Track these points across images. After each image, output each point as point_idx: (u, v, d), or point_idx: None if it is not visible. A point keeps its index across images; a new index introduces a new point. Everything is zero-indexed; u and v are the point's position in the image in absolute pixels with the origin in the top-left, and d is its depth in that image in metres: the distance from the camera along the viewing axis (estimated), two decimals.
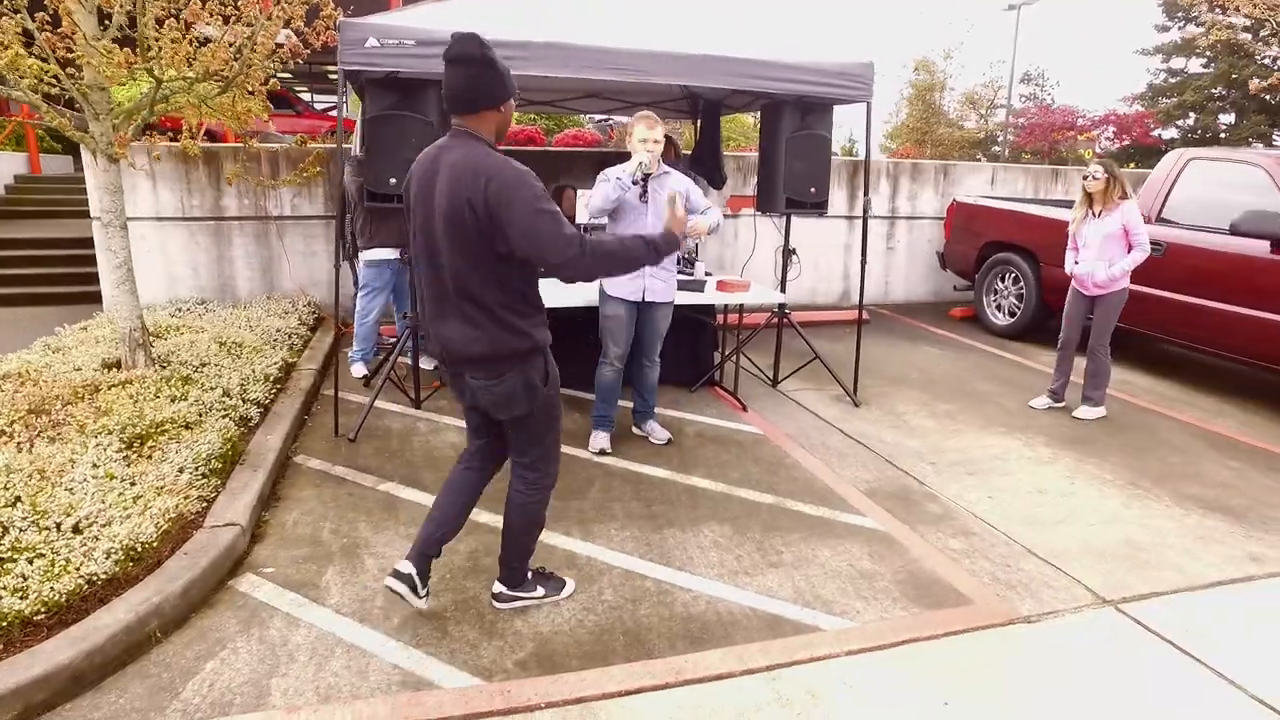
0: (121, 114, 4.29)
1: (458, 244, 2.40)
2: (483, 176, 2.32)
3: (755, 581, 3.20)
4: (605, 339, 4.37)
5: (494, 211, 2.32)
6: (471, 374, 2.55)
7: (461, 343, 2.49)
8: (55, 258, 8.43)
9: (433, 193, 2.41)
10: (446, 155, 2.42)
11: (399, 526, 3.55)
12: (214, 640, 2.72)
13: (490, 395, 2.57)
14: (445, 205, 2.37)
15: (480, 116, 2.45)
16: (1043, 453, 4.69)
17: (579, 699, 2.51)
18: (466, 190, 2.33)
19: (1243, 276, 5.44)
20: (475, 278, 2.42)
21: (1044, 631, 2.95)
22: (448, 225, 2.39)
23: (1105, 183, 4.90)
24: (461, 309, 2.47)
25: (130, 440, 3.59)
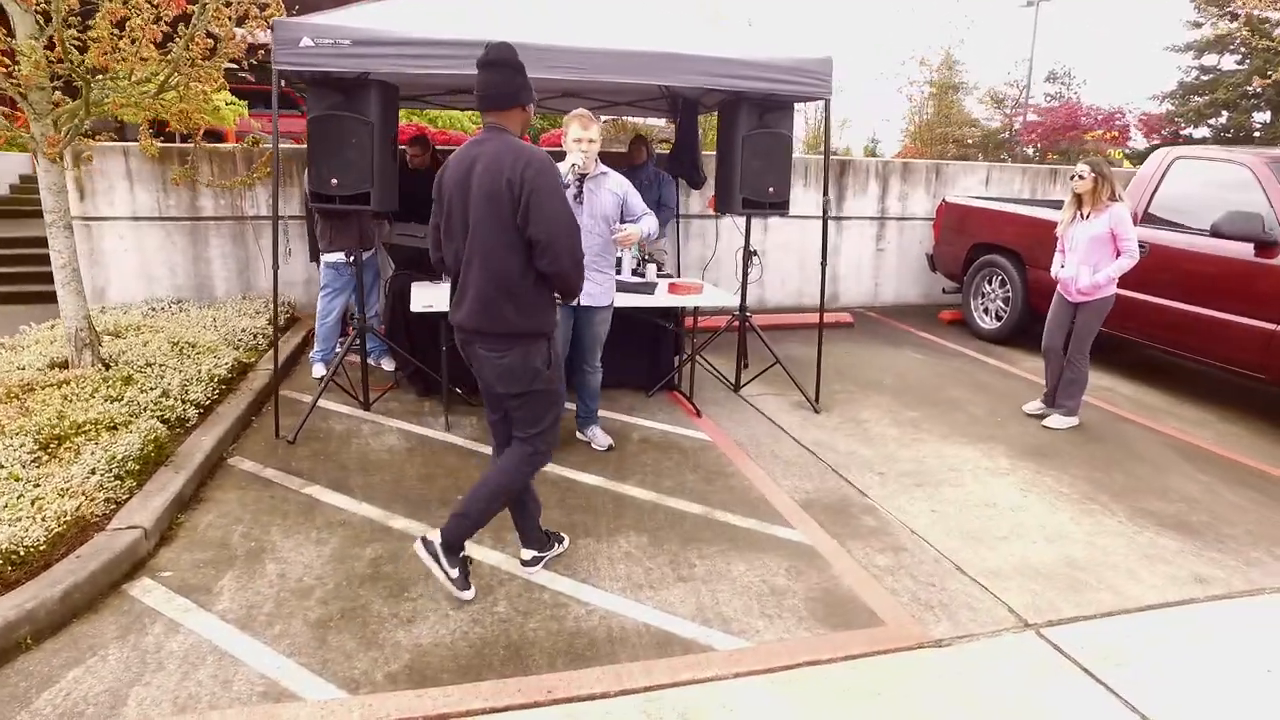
0: (63, 114, 4.30)
1: (493, 223, 2.68)
2: (523, 160, 2.63)
3: (657, 596, 3.09)
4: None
5: (527, 192, 2.61)
6: (481, 345, 2.83)
7: (477, 315, 2.78)
8: (34, 256, 8.53)
9: (470, 178, 2.70)
10: (483, 147, 2.72)
11: (312, 530, 3.50)
12: (85, 647, 2.68)
13: (495, 368, 2.84)
14: (485, 186, 2.65)
15: (510, 114, 2.78)
16: (1001, 464, 4.50)
17: (440, 715, 2.42)
18: (507, 171, 2.61)
19: (1225, 280, 5.18)
20: (503, 256, 2.71)
21: (953, 656, 2.80)
22: (486, 205, 2.67)
23: (1093, 183, 4.67)
24: (483, 285, 2.73)
25: (46, 442, 3.59)
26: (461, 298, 2.82)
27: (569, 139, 3.99)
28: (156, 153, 5.64)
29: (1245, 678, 2.71)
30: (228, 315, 6.22)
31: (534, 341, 2.83)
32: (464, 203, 2.73)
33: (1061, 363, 5.07)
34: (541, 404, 2.94)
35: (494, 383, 2.90)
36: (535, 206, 2.62)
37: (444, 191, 2.82)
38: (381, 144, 4.42)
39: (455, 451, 4.43)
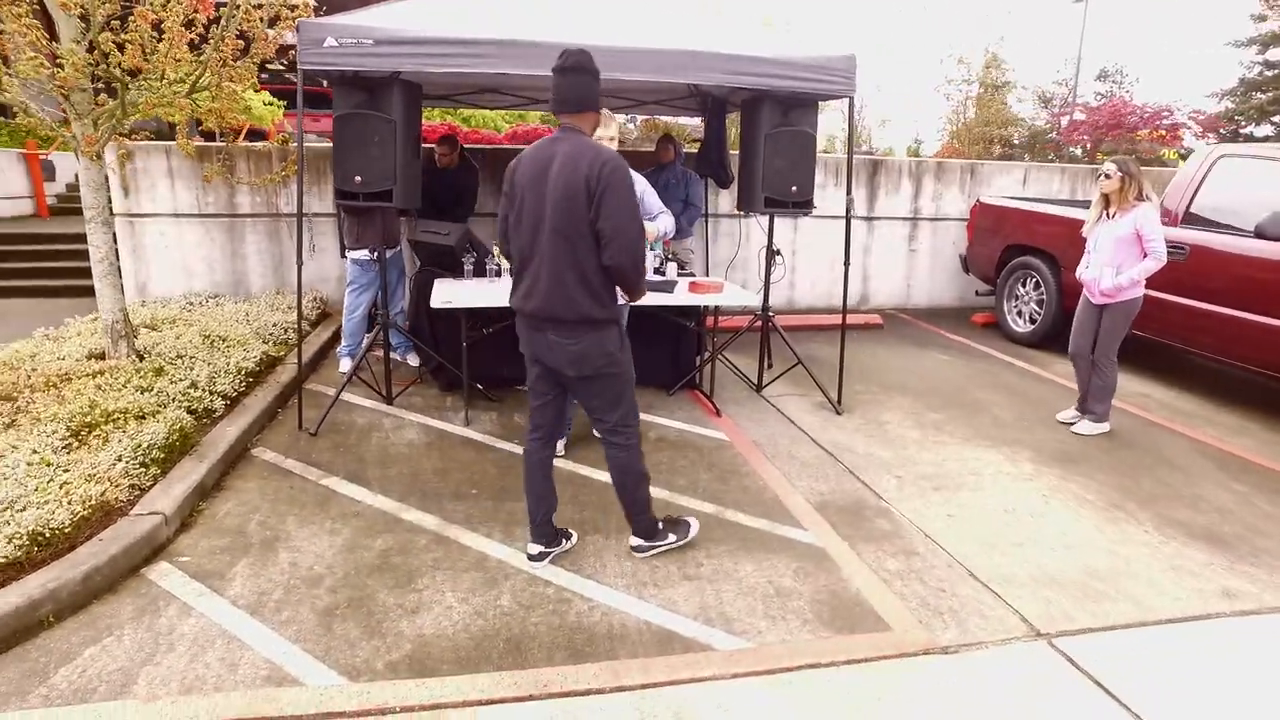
0: (102, 114, 4.45)
1: (569, 217, 2.83)
2: (600, 160, 2.79)
3: (661, 594, 3.08)
4: None
5: (602, 188, 2.77)
6: (554, 331, 2.96)
7: (551, 303, 2.92)
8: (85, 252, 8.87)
9: (547, 175, 2.85)
10: (560, 146, 2.87)
11: (326, 521, 3.57)
12: (103, 627, 2.77)
13: (568, 353, 2.97)
14: (563, 183, 2.81)
15: (584, 116, 2.94)
16: (1025, 469, 4.39)
17: (435, 705, 2.45)
18: (585, 169, 2.78)
19: (1271, 284, 4.98)
20: (578, 248, 2.86)
21: (959, 664, 2.74)
22: (563, 200, 2.82)
23: (1120, 182, 4.54)
24: (558, 275, 2.88)
25: (77, 429, 3.71)
26: (532, 287, 2.96)
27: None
28: (194, 151, 5.80)
29: (1270, 696, 2.61)
30: (260, 310, 6.37)
31: (606, 327, 2.99)
32: (538, 197, 2.88)
33: (1089, 366, 4.93)
34: (616, 385, 3.11)
35: (565, 367, 3.02)
36: (606, 203, 2.79)
37: (516, 186, 2.97)
38: (404, 142, 4.49)
39: (473, 446, 4.48)
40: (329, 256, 7.26)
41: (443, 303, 4.49)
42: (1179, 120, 17.96)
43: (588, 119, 2.95)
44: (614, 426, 3.15)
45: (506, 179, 3.03)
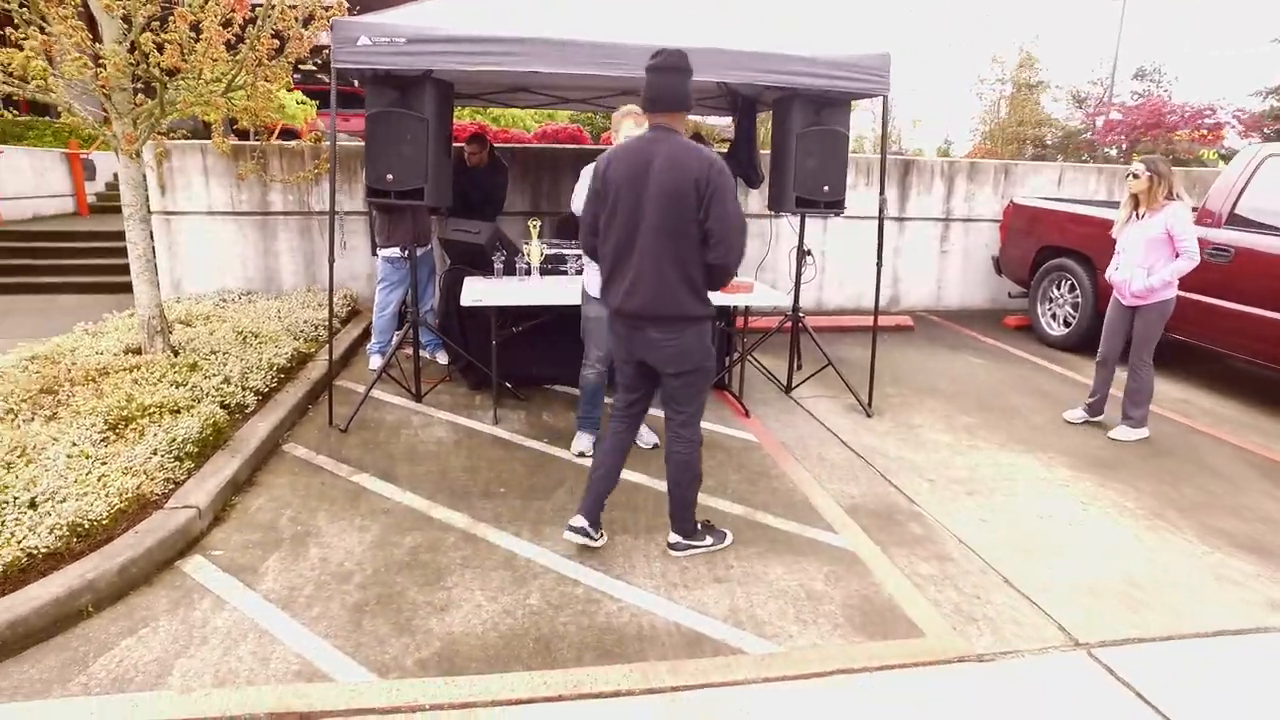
0: (142, 113, 4.51)
1: (674, 217, 2.89)
2: (707, 162, 2.86)
3: (691, 596, 3.06)
4: (588, 341, 4.25)
5: (711, 190, 2.84)
6: (654, 328, 3.01)
7: (653, 301, 2.97)
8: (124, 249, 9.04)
9: (647, 174, 2.89)
10: (657, 145, 2.91)
11: (356, 517, 3.59)
12: (139, 618, 2.81)
13: (667, 349, 3.03)
14: (671, 183, 2.86)
15: (678, 116, 2.97)
16: (1060, 474, 4.30)
17: (465, 704, 2.45)
18: (694, 172, 2.84)
19: None
20: (681, 247, 2.92)
21: (995, 672, 2.69)
22: (671, 200, 2.87)
23: (1149, 182, 4.45)
24: (660, 273, 2.94)
25: (114, 422, 3.77)
26: (633, 286, 2.99)
27: (623, 135, 3.93)
28: (229, 150, 5.87)
29: None
30: (292, 307, 6.44)
31: (704, 324, 3.08)
32: (637, 196, 2.92)
33: (1113, 371, 4.84)
34: (704, 379, 3.18)
35: (665, 364, 3.07)
36: (717, 204, 2.85)
37: (610, 185, 2.99)
38: (436, 140, 4.51)
39: (501, 445, 4.48)
40: (359, 254, 7.32)
41: (473, 301, 4.50)
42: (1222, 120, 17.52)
43: (680, 119, 2.98)
44: (687, 420, 3.19)
45: (595, 178, 3.07)
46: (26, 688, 2.45)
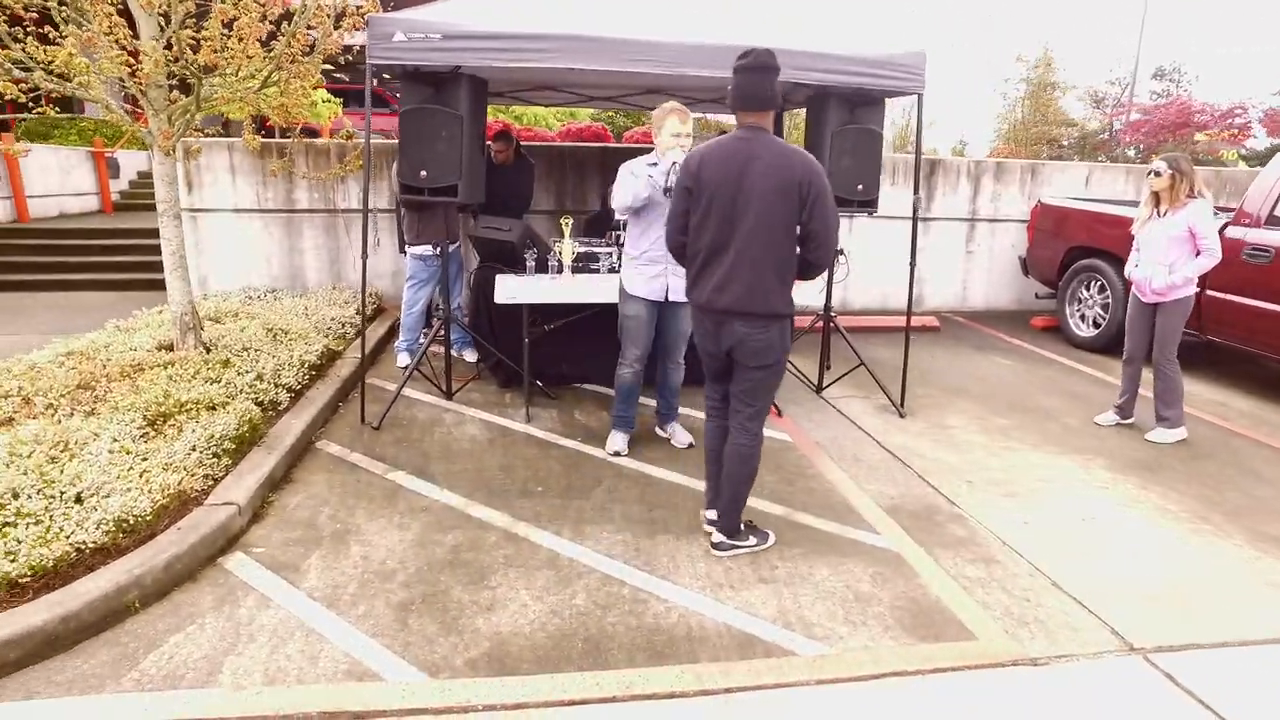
0: (176, 110, 4.51)
1: (774, 217, 2.95)
2: (809, 164, 2.95)
3: (738, 596, 3.03)
4: (625, 340, 4.22)
5: (815, 193, 2.92)
6: (743, 324, 3.05)
7: (747, 297, 3.01)
8: (153, 246, 9.07)
9: (745, 173, 2.93)
10: (754, 146, 2.96)
11: (395, 515, 3.57)
12: (186, 615, 2.79)
13: (753, 344, 3.07)
14: (774, 184, 2.92)
15: (767, 115, 3.02)
16: (1100, 476, 4.25)
17: (518, 705, 2.42)
18: (799, 174, 2.91)
19: None
20: (779, 246, 2.98)
21: (1051, 677, 2.65)
22: (773, 201, 2.93)
23: (1170, 180, 4.42)
24: (756, 272, 2.98)
25: (153, 418, 3.77)
26: (726, 283, 3.03)
27: (667, 133, 3.87)
28: (259, 146, 5.88)
29: None
30: (318, 304, 6.44)
31: (786, 320, 3.13)
32: (734, 196, 2.96)
33: (1140, 370, 4.79)
34: (779, 373, 3.23)
35: (749, 358, 3.11)
36: (819, 206, 2.94)
37: (704, 183, 3.01)
38: (471, 137, 4.49)
39: (535, 443, 4.46)
40: (385, 252, 7.32)
41: (508, 298, 4.48)
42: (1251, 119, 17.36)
43: (769, 117, 3.02)
44: (756, 414, 3.23)
45: (686, 176, 3.08)
46: (81, 682, 2.44)
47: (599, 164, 7.65)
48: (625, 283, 4.14)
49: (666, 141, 3.87)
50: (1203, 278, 5.44)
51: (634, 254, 4.09)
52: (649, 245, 4.03)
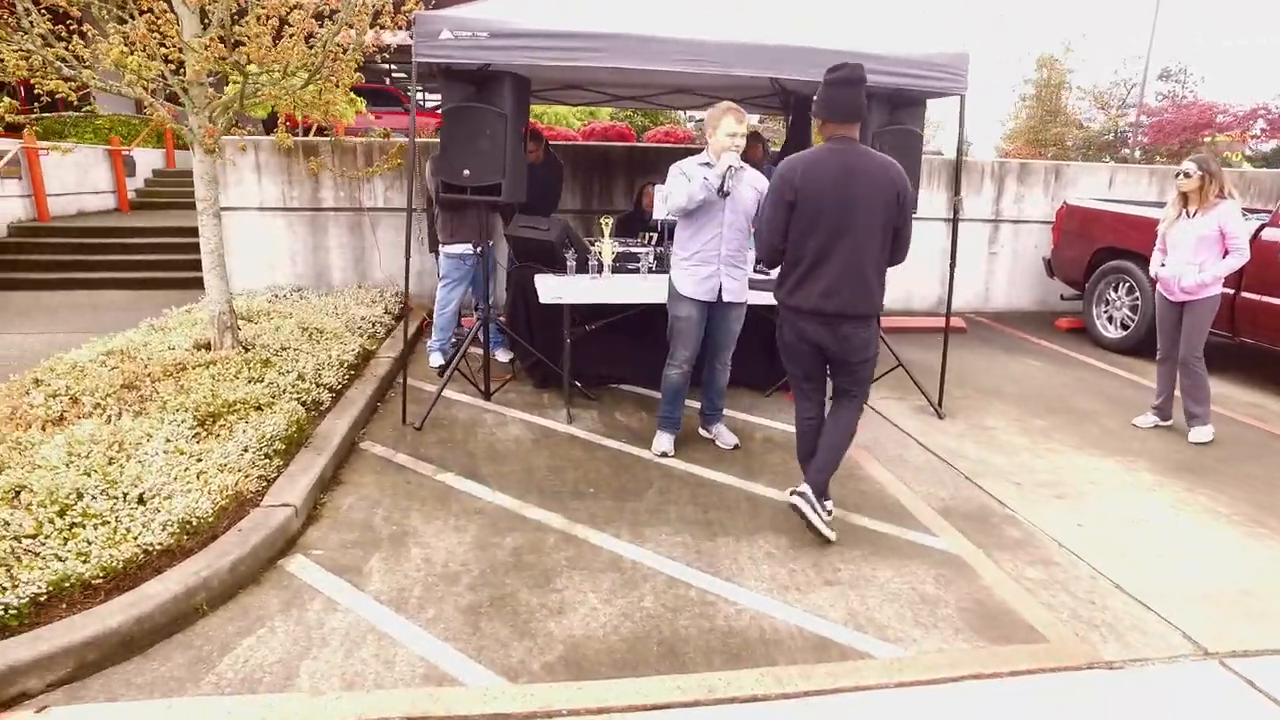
0: (218, 107, 4.48)
1: (878, 224, 3.16)
2: (902, 172, 3.21)
3: (806, 599, 3.01)
4: (675, 341, 4.18)
5: (907, 200, 3.20)
6: (849, 325, 3.25)
7: (854, 300, 3.21)
8: (181, 245, 9.03)
9: (850, 184, 3.13)
10: (852, 156, 3.17)
11: (450, 517, 3.55)
12: (255, 618, 2.77)
13: (857, 341, 3.29)
14: (880, 193, 3.14)
15: (855, 126, 3.24)
16: (1145, 479, 4.25)
17: (603, 709, 2.41)
18: (896, 183, 3.17)
19: None
20: (877, 250, 3.21)
21: (1129, 680, 2.64)
22: (877, 209, 3.14)
23: (1200, 181, 4.46)
24: (861, 275, 3.19)
25: (203, 418, 3.74)
26: (833, 287, 3.20)
27: (722, 133, 3.84)
28: (291, 144, 5.84)
29: None
30: (346, 303, 6.41)
31: (876, 319, 3.37)
32: (841, 206, 3.13)
33: (1175, 369, 4.80)
34: (874, 364, 3.46)
35: (851, 354, 3.32)
36: (909, 211, 3.23)
37: (807, 195, 3.16)
38: (514, 136, 4.47)
39: (580, 445, 4.44)
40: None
41: (553, 298, 4.46)
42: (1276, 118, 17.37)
43: (857, 128, 3.24)
44: (864, 393, 3.49)
45: (786, 188, 3.20)
46: (160, 685, 2.41)
47: (624, 163, 7.63)
48: (676, 283, 4.11)
49: (722, 142, 3.84)
50: (1237, 280, 5.46)
51: (685, 255, 4.07)
52: (701, 246, 4.02)
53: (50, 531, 2.77)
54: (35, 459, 3.19)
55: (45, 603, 2.54)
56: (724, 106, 3.86)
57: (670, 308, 4.15)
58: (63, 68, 3.95)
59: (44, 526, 2.78)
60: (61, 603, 2.58)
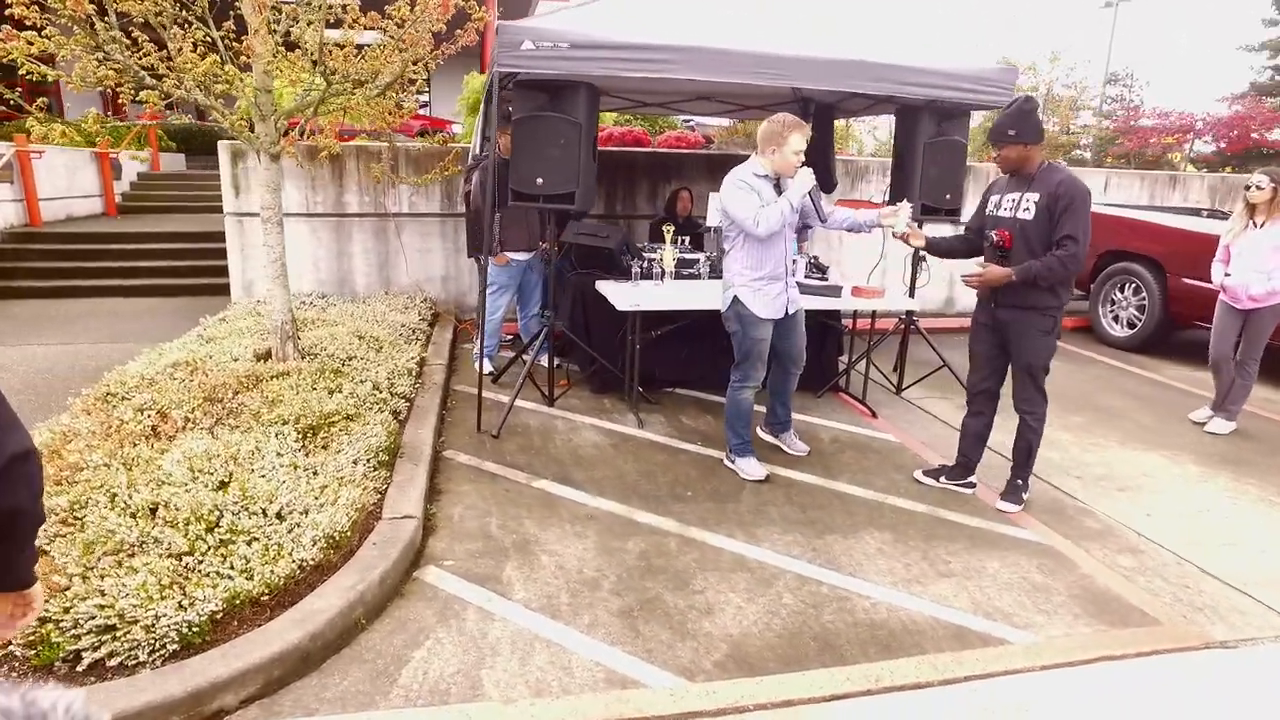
0: (284, 114, 4.44)
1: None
2: None
3: (929, 590, 3.17)
4: (748, 363, 4.08)
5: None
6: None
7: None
8: (176, 251, 8.79)
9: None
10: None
11: (564, 524, 3.60)
12: (415, 630, 2.80)
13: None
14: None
15: None
16: (1192, 470, 4.54)
17: (785, 702, 2.51)
18: None
19: None
20: None
21: (1245, 659, 2.85)
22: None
23: (1271, 193, 4.73)
24: None
25: (304, 431, 3.72)
26: None
27: (789, 150, 3.85)
28: (339, 150, 5.77)
29: None
30: (382, 311, 6.36)
31: None
32: None
33: (1233, 371, 5.11)
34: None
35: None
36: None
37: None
38: (587, 145, 4.53)
39: (659, 449, 4.53)
40: (434, 256, 7.26)
41: (630, 305, 4.53)
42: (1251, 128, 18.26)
43: None
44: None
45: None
46: (352, 700, 2.43)
47: (646, 168, 7.72)
48: (749, 305, 3.98)
49: (790, 159, 3.85)
50: None
51: (757, 275, 3.97)
52: (773, 265, 3.97)
53: (203, 549, 2.75)
54: (157, 475, 3.15)
55: (221, 620, 2.54)
56: (791, 121, 3.86)
57: (743, 330, 4.02)
58: (146, 76, 3.87)
59: (196, 544, 2.76)
60: (233, 620, 2.57)
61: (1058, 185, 3.58)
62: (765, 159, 3.96)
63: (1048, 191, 3.60)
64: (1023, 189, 3.72)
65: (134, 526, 2.80)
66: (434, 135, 7.27)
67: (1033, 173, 3.69)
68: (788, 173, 3.90)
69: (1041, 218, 3.61)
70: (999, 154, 3.70)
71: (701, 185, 7.54)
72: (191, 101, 4.10)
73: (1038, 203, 3.64)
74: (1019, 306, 3.74)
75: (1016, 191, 3.76)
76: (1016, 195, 3.75)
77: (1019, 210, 3.72)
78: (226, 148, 6.63)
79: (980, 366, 4.04)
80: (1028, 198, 3.68)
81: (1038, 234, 3.61)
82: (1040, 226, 3.61)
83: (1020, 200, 3.71)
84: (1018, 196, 3.75)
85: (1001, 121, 3.68)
